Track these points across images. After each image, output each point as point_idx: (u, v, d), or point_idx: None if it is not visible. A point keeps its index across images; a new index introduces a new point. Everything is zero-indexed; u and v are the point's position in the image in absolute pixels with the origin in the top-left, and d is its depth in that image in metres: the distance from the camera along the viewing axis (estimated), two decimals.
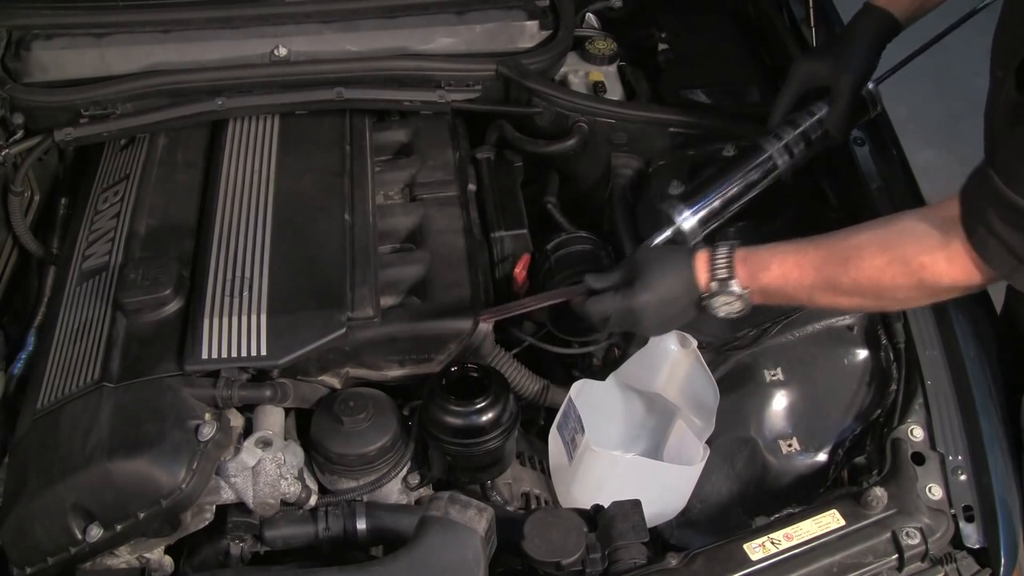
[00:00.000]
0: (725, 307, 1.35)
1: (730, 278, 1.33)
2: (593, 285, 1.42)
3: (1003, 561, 1.32)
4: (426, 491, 1.57)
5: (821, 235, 1.33)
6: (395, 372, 1.60)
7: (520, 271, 1.62)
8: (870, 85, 1.62)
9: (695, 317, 1.40)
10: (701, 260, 1.36)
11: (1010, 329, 1.62)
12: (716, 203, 1.58)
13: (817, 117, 1.61)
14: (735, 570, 1.30)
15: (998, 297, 1.83)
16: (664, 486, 1.57)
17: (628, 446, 1.71)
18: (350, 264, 1.61)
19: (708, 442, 1.56)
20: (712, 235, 1.60)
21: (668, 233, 1.57)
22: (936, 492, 1.37)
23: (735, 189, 1.59)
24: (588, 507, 1.40)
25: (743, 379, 1.65)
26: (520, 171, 1.93)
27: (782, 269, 1.32)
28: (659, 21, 2.17)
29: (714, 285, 1.34)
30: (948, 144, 3.76)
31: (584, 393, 1.60)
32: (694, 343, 1.60)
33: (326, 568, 1.32)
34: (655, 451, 1.71)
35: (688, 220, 1.56)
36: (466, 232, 1.72)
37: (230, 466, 1.42)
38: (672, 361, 1.61)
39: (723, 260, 1.34)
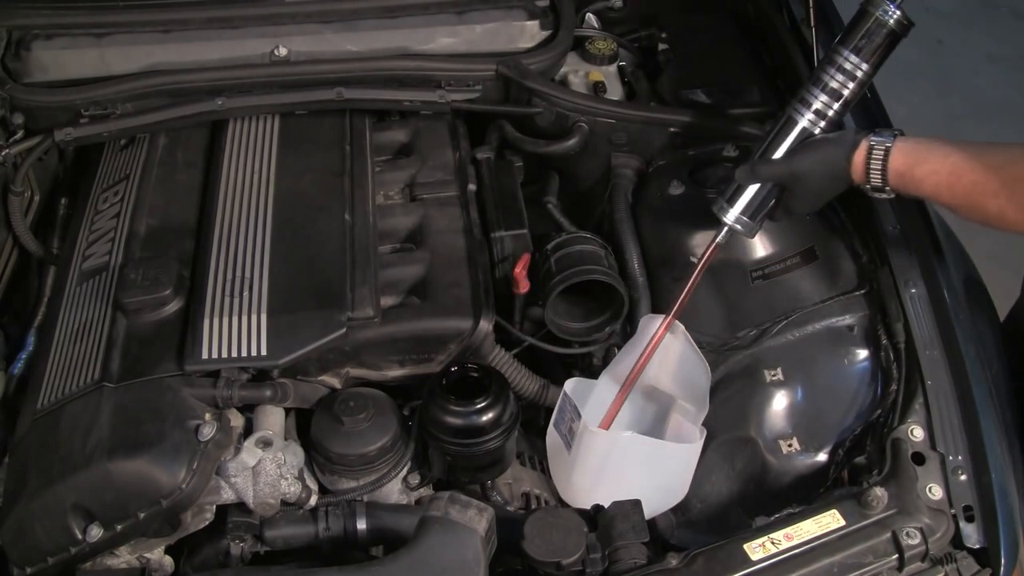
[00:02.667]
0: (875, 194, 1.47)
1: (883, 186, 1.43)
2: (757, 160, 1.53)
3: (1003, 561, 1.31)
4: (426, 491, 1.57)
5: (978, 150, 1.36)
6: (395, 372, 1.60)
7: (520, 271, 1.62)
8: (894, 8, 1.45)
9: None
10: (858, 163, 1.43)
11: (1015, 330, 1.62)
12: (763, 191, 1.53)
13: (844, 68, 1.47)
14: (735, 570, 1.30)
15: (999, 298, 1.83)
16: (664, 467, 1.57)
17: None
18: (350, 264, 1.61)
19: (704, 424, 1.55)
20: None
21: (723, 234, 1.55)
22: (936, 492, 1.37)
23: None
24: (589, 493, 1.40)
25: (743, 379, 1.65)
26: (520, 171, 1.93)
27: (934, 190, 1.39)
28: (659, 21, 2.17)
29: (867, 187, 1.45)
30: None
31: (578, 391, 1.60)
32: (680, 326, 1.60)
33: (326, 568, 1.32)
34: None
35: (737, 218, 1.53)
36: (466, 232, 1.72)
37: (230, 466, 1.42)
38: (662, 348, 1.60)
39: (877, 169, 1.42)
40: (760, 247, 1.66)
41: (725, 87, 1.96)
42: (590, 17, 2.20)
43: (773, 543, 1.32)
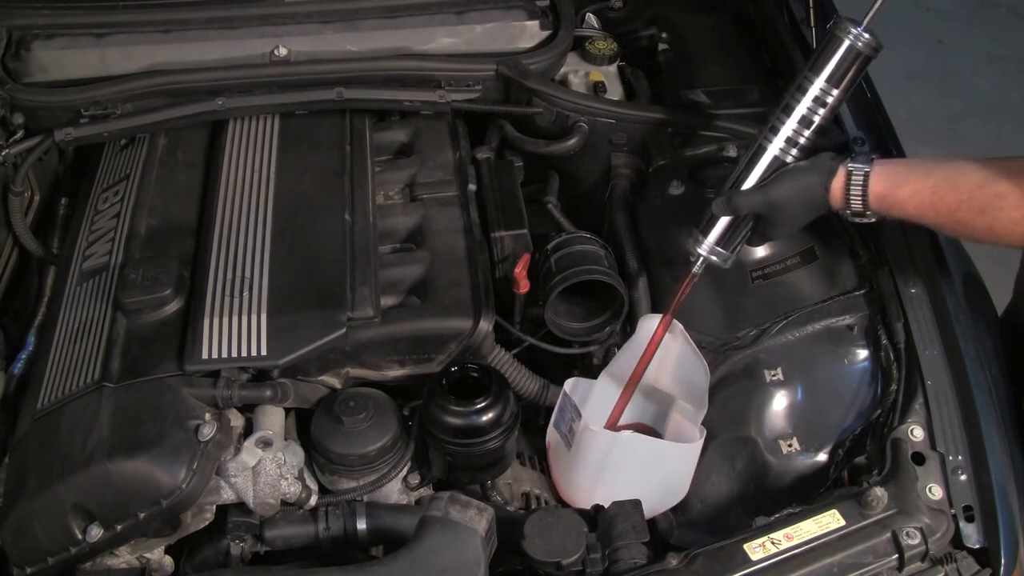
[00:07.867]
0: (855, 219, 1.45)
1: (864, 211, 1.42)
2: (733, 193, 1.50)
3: (1003, 561, 1.31)
4: (426, 491, 1.57)
5: (958, 169, 1.35)
6: (395, 372, 1.60)
7: (520, 271, 1.62)
8: (862, 31, 1.41)
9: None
10: (837, 189, 1.42)
11: (1014, 329, 1.62)
12: (738, 221, 1.50)
13: (813, 95, 1.44)
14: (735, 570, 1.30)
15: (1000, 298, 1.83)
16: (665, 467, 1.57)
17: None
18: (350, 264, 1.61)
19: (704, 425, 1.55)
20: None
21: (699, 265, 1.52)
22: (936, 492, 1.37)
23: None
24: (589, 492, 1.40)
25: (743, 379, 1.65)
26: (520, 171, 1.93)
27: (919, 211, 1.38)
28: (659, 21, 2.17)
29: (847, 212, 1.43)
30: (948, 144, 3.76)
31: (578, 391, 1.60)
32: (680, 326, 1.59)
33: (326, 568, 1.32)
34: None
35: (711, 248, 1.51)
36: (466, 232, 1.72)
37: (230, 466, 1.42)
38: (661, 348, 1.60)
39: (858, 195, 1.40)
40: (760, 247, 1.66)
41: (725, 87, 1.96)
42: (590, 17, 2.20)
43: (773, 543, 1.32)
